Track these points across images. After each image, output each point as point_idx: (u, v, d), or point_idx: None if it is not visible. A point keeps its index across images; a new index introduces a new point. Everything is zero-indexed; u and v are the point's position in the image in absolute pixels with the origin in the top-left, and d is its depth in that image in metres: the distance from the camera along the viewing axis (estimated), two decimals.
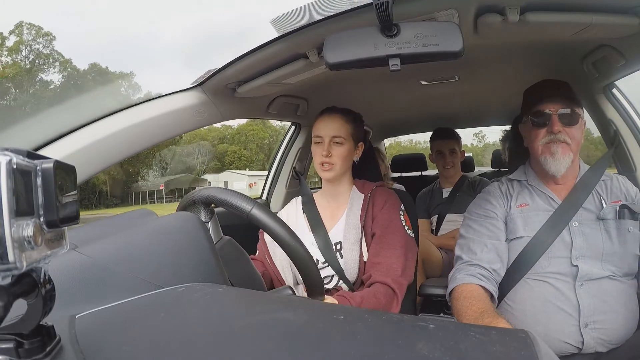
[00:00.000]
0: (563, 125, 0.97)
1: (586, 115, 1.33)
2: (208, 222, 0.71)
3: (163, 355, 0.29)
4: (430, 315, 1.36)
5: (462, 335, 0.28)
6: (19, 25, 35.79)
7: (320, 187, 1.37)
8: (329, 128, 1.12)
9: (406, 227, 1.11)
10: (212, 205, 0.74)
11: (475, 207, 1.09)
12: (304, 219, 1.18)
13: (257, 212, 0.65)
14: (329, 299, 0.81)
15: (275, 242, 0.66)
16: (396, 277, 1.02)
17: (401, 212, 1.12)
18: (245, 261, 0.75)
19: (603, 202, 0.98)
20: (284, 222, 0.65)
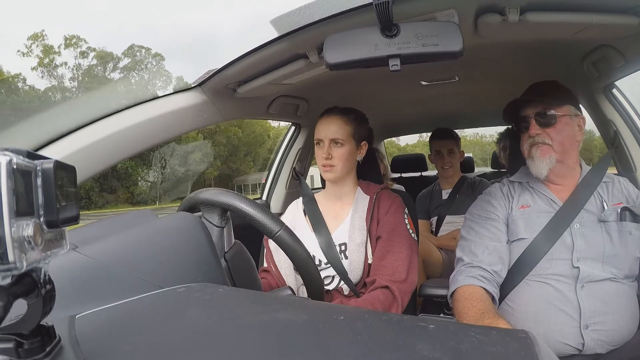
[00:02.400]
0: (541, 127, 0.98)
1: (586, 115, 1.33)
2: (223, 227, 0.69)
3: (163, 356, 0.29)
4: (430, 316, 1.36)
5: (462, 336, 0.28)
6: (131, 47, 39.24)
7: (322, 187, 1.37)
8: (328, 130, 1.12)
9: (410, 231, 1.11)
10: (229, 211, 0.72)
11: (476, 208, 1.09)
12: (306, 219, 1.18)
13: (284, 235, 0.66)
14: None
15: (279, 249, 0.66)
16: (400, 280, 1.02)
17: (405, 216, 1.13)
18: (252, 268, 0.75)
19: (604, 204, 0.98)
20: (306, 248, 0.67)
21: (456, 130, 2.17)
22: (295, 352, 0.28)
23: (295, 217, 1.21)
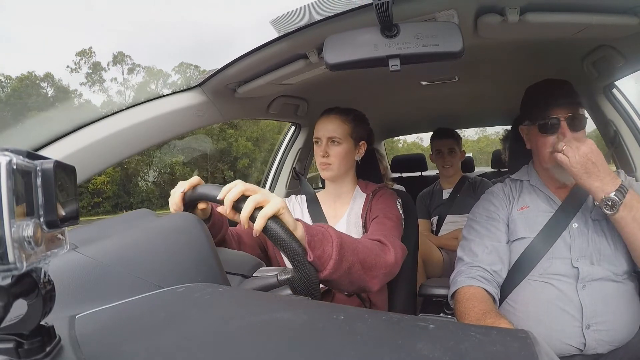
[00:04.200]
0: (572, 131, 0.94)
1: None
2: None
3: (163, 356, 0.29)
4: (430, 315, 1.36)
5: (462, 336, 0.28)
6: (181, 65, 41.69)
7: (321, 187, 1.37)
8: (326, 129, 1.13)
9: (402, 217, 1.11)
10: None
11: (478, 208, 1.09)
12: (309, 218, 1.18)
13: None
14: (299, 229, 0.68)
15: None
16: (386, 235, 0.95)
17: (398, 204, 1.13)
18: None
19: (594, 202, 0.97)
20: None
21: (474, 129, 2.16)
22: (295, 352, 0.28)
23: (300, 215, 1.20)
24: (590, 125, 1.54)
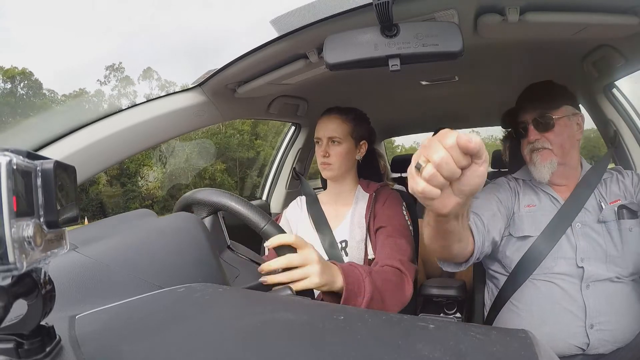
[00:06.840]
0: (540, 132, 0.97)
1: (586, 115, 1.33)
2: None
3: (163, 356, 0.29)
4: (430, 315, 1.36)
5: (462, 336, 0.28)
6: None
7: (321, 188, 1.37)
8: (326, 129, 1.13)
9: (408, 222, 1.11)
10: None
11: (481, 192, 1.05)
12: (309, 218, 1.18)
13: (270, 229, 0.68)
14: (333, 268, 0.74)
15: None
16: (403, 260, 0.99)
17: (403, 208, 1.13)
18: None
19: (602, 203, 0.98)
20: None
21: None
22: (296, 352, 0.28)
23: (299, 216, 1.21)
24: (591, 125, 1.55)
